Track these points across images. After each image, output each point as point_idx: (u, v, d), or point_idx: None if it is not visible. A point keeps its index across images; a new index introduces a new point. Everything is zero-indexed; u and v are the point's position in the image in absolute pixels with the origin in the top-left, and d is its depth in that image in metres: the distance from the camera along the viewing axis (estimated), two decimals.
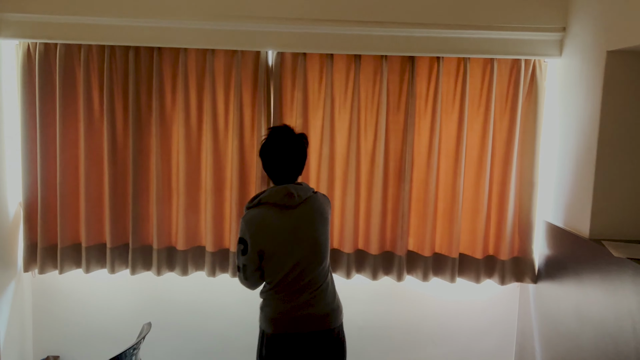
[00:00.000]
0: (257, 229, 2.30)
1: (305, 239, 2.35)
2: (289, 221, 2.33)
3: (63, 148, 3.03)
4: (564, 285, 2.84)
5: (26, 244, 3.11)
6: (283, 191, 2.33)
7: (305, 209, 2.37)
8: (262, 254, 2.32)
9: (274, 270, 2.34)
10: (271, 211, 2.32)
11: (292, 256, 2.33)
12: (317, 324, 2.39)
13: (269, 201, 2.33)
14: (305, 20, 2.95)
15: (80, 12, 2.91)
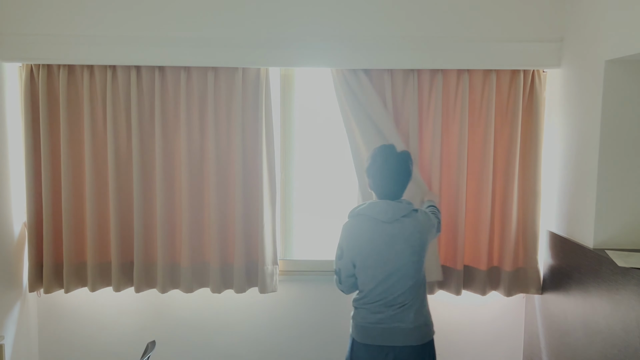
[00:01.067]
0: (352, 239, 2.47)
1: (397, 255, 2.44)
2: (382, 236, 2.43)
3: (67, 168, 3.06)
4: (570, 296, 2.82)
5: (31, 264, 3.12)
6: (382, 206, 2.45)
7: (400, 227, 2.44)
8: (354, 263, 2.48)
9: (365, 281, 2.48)
10: (368, 224, 2.45)
11: (383, 270, 2.44)
12: (403, 339, 2.46)
13: (367, 213, 2.46)
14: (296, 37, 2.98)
15: (81, 33, 2.95)
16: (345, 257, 2.49)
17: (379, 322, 2.47)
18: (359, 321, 2.52)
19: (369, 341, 2.48)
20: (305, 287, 3.35)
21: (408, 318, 2.45)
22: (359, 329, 2.52)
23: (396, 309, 2.45)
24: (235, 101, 3.05)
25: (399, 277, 2.44)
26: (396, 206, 2.45)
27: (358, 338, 2.51)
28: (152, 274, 3.19)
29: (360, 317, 2.51)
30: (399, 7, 2.97)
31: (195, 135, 3.10)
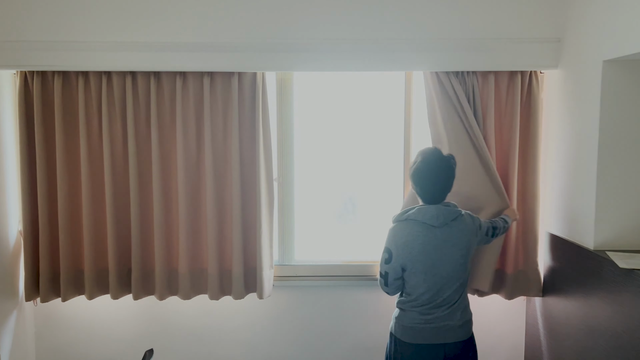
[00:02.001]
0: (403, 244, 2.48)
1: (447, 259, 2.49)
2: (433, 241, 2.47)
3: (63, 175, 3.03)
4: (571, 298, 2.80)
5: (27, 273, 3.09)
6: (432, 211, 2.47)
7: (449, 231, 2.49)
8: (404, 267, 2.50)
9: (414, 285, 2.51)
10: (417, 228, 2.48)
11: (433, 274, 2.48)
12: (453, 335, 2.56)
13: (417, 219, 2.47)
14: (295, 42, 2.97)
15: (76, 40, 2.93)
16: (394, 262, 2.50)
17: (429, 322, 2.53)
18: (407, 322, 2.55)
19: (420, 340, 2.53)
20: (305, 292, 3.33)
21: (456, 316, 2.56)
22: (407, 329, 2.55)
23: (445, 310, 2.54)
24: (232, 106, 3.03)
25: (448, 279, 2.51)
26: (446, 211, 2.49)
27: (406, 338, 2.55)
28: (150, 281, 3.16)
29: (408, 319, 2.55)
30: (394, 10, 2.96)
31: (191, 141, 3.08)
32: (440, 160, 2.49)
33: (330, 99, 3.28)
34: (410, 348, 2.54)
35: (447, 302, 2.54)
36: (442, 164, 2.49)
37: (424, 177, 2.48)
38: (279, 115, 3.27)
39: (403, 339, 2.56)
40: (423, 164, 2.48)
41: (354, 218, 3.81)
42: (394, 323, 2.62)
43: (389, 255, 2.51)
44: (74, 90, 3.04)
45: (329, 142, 3.39)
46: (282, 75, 3.24)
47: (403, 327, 2.57)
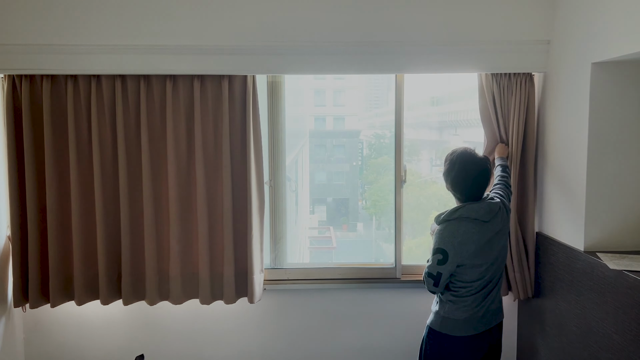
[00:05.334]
0: (460, 242, 2.47)
1: (496, 249, 2.55)
2: (485, 235, 2.51)
3: (52, 179, 3.00)
4: (562, 299, 2.81)
5: (16, 278, 3.06)
6: (485, 208, 2.51)
7: (496, 222, 2.55)
8: (461, 264, 2.49)
9: (470, 279, 2.52)
10: (471, 225, 2.48)
11: (487, 265, 2.52)
12: (496, 318, 2.64)
13: (470, 216, 2.49)
14: (289, 45, 2.96)
15: (64, 43, 2.91)
16: (450, 262, 2.48)
17: (479, 311, 2.56)
18: (460, 315, 2.55)
19: (471, 332, 2.55)
20: (296, 296, 3.31)
21: (497, 298, 2.65)
22: (459, 323, 2.55)
23: (492, 295, 2.61)
24: (222, 109, 3.02)
25: (496, 267, 2.59)
26: (491, 205, 2.54)
27: (458, 332, 2.55)
28: (140, 286, 3.14)
29: (461, 312, 2.55)
30: (385, 13, 2.96)
31: (182, 144, 3.06)
32: (478, 165, 2.53)
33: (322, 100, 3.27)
34: (462, 342, 2.56)
35: (494, 289, 2.61)
36: (480, 169, 2.53)
37: (463, 184, 2.53)
38: (270, 118, 3.26)
39: (454, 333, 2.55)
40: (462, 172, 2.52)
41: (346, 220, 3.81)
42: (440, 320, 2.59)
43: (444, 256, 2.48)
44: (62, 94, 3.02)
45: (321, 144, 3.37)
46: (273, 78, 3.23)
47: (455, 321, 2.55)
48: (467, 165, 2.52)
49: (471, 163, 2.53)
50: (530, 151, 3.05)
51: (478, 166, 2.53)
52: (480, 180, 2.53)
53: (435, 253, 2.51)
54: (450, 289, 2.57)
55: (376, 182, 4.69)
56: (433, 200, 4.39)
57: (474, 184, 2.53)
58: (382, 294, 3.32)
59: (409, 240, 4.10)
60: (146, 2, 2.93)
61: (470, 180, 2.52)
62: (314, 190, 4.42)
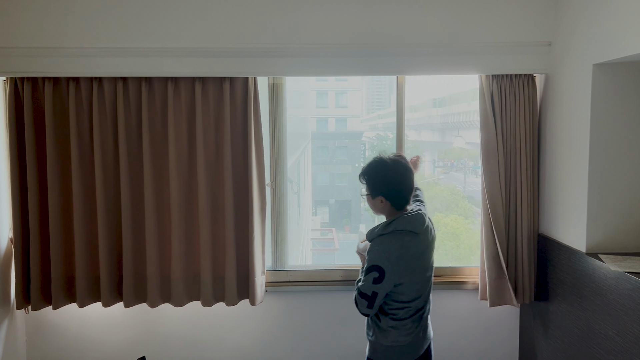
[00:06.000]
0: (397, 257, 2.28)
1: (429, 263, 2.43)
2: (419, 248, 2.36)
3: (54, 182, 3.01)
4: (564, 301, 2.80)
5: (18, 281, 3.07)
6: (418, 219, 2.36)
7: (427, 234, 2.41)
8: (398, 282, 2.30)
9: (405, 299, 2.35)
10: (407, 238, 2.32)
11: (420, 283, 2.38)
12: (429, 336, 2.53)
13: (406, 228, 2.32)
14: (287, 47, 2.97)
15: (66, 46, 2.92)
16: (387, 280, 2.27)
17: (419, 332, 2.43)
18: (403, 341, 2.39)
19: (415, 354, 2.42)
20: (298, 298, 3.31)
21: (428, 314, 2.51)
22: (404, 349, 2.39)
23: (426, 314, 2.49)
24: (224, 111, 3.02)
25: (430, 282, 2.46)
26: (422, 216, 2.40)
27: (404, 357, 2.40)
28: (142, 289, 3.14)
29: (404, 337, 2.39)
30: (387, 15, 2.97)
31: (183, 146, 3.06)
32: (410, 171, 2.40)
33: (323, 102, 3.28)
34: None
35: (427, 306, 2.48)
36: (411, 174, 2.40)
37: (400, 184, 2.36)
38: (271, 120, 3.26)
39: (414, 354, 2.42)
40: (397, 171, 2.36)
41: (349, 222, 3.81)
42: (383, 349, 2.40)
43: (380, 274, 2.26)
44: (64, 97, 3.02)
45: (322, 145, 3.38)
46: (274, 80, 3.24)
47: (400, 347, 2.39)
48: (403, 164, 2.40)
49: (404, 169, 2.38)
50: (532, 152, 3.04)
51: (410, 172, 2.40)
52: (411, 186, 2.39)
53: (369, 271, 2.28)
54: (388, 313, 2.37)
55: None
56: (435, 201, 4.39)
57: (407, 190, 2.37)
58: None
59: None
60: (147, 5, 2.94)
61: (404, 186, 2.36)
62: (316, 192, 4.41)
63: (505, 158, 3.05)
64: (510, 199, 3.06)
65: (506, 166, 3.05)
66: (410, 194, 2.39)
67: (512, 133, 3.02)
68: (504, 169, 3.04)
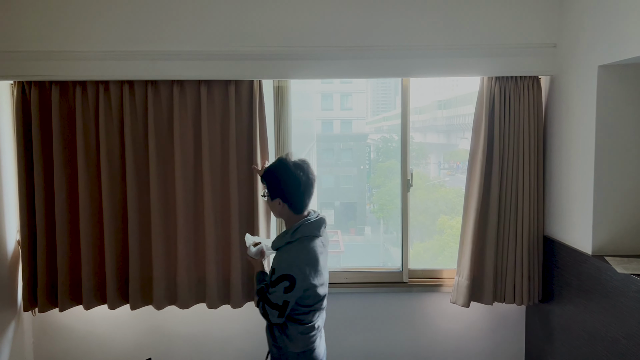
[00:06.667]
0: (306, 264, 2.27)
1: (326, 264, 2.45)
2: (322, 251, 2.37)
3: (60, 184, 3.03)
4: (570, 304, 2.79)
5: (25, 283, 3.09)
6: (319, 222, 2.37)
7: (325, 236, 2.45)
8: (307, 288, 2.28)
9: (311, 302, 2.35)
10: (312, 244, 2.31)
11: (325, 285, 2.40)
12: None
13: (311, 234, 2.32)
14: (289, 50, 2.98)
15: (73, 49, 2.95)
16: (298, 287, 2.24)
17: (322, 332, 2.49)
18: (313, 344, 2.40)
19: (324, 349, 2.50)
20: None
21: None
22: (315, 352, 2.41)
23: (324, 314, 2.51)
24: (230, 114, 3.03)
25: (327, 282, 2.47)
26: (321, 219, 2.40)
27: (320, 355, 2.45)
28: (148, 291, 3.15)
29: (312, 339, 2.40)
30: (391, 17, 2.97)
31: (189, 150, 3.08)
32: (312, 173, 2.38)
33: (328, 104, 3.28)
34: None
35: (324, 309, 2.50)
36: (313, 176, 2.38)
37: (305, 187, 2.33)
38: (276, 123, 3.27)
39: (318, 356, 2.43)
40: (300, 174, 2.33)
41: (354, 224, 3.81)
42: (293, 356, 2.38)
43: (291, 283, 2.22)
44: (71, 100, 3.05)
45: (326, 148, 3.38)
46: (279, 83, 3.25)
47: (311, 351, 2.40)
48: (306, 166, 2.36)
49: (305, 173, 2.34)
50: (537, 154, 3.03)
51: (312, 177, 2.37)
52: (311, 191, 2.37)
53: (280, 281, 2.23)
54: (296, 319, 2.35)
55: (384, 186, 4.68)
56: (441, 203, 4.38)
57: (307, 195, 2.35)
58: (389, 298, 3.31)
59: (417, 244, 4.09)
60: (153, 9, 2.96)
61: (304, 191, 2.34)
62: (321, 194, 4.41)
63: (504, 160, 3.05)
64: (510, 200, 3.05)
65: (503, 168, 3.04)
66: (309, 198, 2.38)
67: (516, 135, 3.02)
68: (500, 170, 3.04)
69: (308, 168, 2.37)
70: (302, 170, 2.35)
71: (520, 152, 3.02)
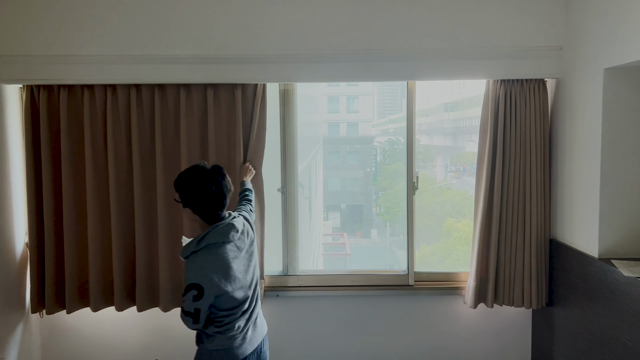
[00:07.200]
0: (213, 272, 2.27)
1: (251, 267, 2.47)
2: (237, 255, 2.37)
3: (68, 188, 3.06)
4: (576, 307, 2.78)
5: (33, 285, 3.11)
6: (230, 228, 2.35)
7: (243, 240, 2.43)
8: (219, 294, 2.30)
9: (229, 306, 2.37)
10: (220, 250, 2.31)
11: (245, 288, 2.41)
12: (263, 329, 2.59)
13: (218, 241, 2.31)
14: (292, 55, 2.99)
15: (81, 53, 2.97)
16: (207, 295, 2.26)
17: (248, 329, 2.47)
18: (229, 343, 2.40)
19: (251, 348, 2.47)
20: (308, 302, 3.32)
21: (259, 311, 2.58)
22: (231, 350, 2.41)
23: (256, 309, 2.53)
24: (236, 117, 3.04)
25: (255, 282, 2.50)
26: (235, 224, 2.38)
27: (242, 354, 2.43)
28: (154, 293, 3.17)
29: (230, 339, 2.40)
30: (397, 20, 2.98)
31: (195, 152, 3.09)
32: (215, 178, 2.34)
33: None
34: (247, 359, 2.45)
35: (256, 301, 2.53)
36: (216, 182, 2.33)
37: (206, 202, 2.31)
38: (282, 125, 3.28)
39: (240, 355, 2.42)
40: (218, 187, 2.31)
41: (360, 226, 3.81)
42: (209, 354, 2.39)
43: (199, 291, 2.25)
44: (79, 104, 3.07)
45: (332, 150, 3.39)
46: (285, 86, 3.26)
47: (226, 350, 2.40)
48: (215, 174, 2.35)
49: (212, 182, 2.32)
50: (543, 157, 3.02)
51: (226, 185, 2.37)
52: (221, 200, 2.34)
53: (188, 290, 2.26)
54: (214, 320, 2.38)
55: (390, 189, 4.69)
56: (447, 206, 4.38)
57: (215, 204, 2.32)
58: (395, 301, 3.31)
59: (424, 246, 4.09)
60: (160, 13, 2.98)
61: (210, 201, 2.31)
62: (327, 197, 4.43)
63: (510, 163, 3.04)
64: (517, 203, 3.05)
65: (510, 171, 3.04)
66: (222, 209, 2.36)
67: (522, 137, 3.01)
68: (507, 174, 3.04)
69: (222, 179, 2.35)
70: (214, 182, 2.32)
71: (527, 155, 3.02)
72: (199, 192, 2.29)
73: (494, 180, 3.05)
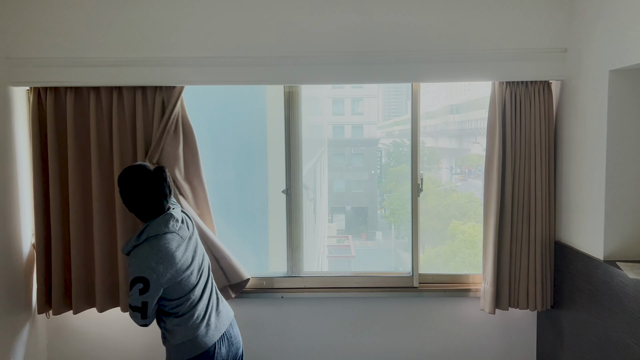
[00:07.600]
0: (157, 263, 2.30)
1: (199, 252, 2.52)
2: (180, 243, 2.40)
3: (75, 189, 3.07)
4: (581, 310, 2.77)
5: (40, 285, 3.13)
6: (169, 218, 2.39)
7: (185, 228, 2.47)
8: (167, 285, 2.33)
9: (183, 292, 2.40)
10: (160, 242, 2.34)
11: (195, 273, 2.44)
12: (229, 314, 2.67)
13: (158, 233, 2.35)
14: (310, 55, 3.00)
15: (87, 56, 2.99)
16: (153, 287, 2.29)
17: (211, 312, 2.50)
18: (193, 333, 2.42)
19: (217, 334, 2.49)
20: (313, 304, 3.33)
21: (218, 293, 2.63)
22: (197, 339, 2.43)
23: (214, 292, 2.58)
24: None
25: (204, 264, 2.55)
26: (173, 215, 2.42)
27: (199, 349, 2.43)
28: None
29: (194, 329, 2.43)
30: (401, 22, 2.98)
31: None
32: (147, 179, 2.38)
33: None
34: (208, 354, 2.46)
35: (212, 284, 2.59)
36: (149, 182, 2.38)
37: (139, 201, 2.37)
38: (286, 127, 3.29)
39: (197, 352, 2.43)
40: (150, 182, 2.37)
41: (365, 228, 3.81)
42: (175, 350, 2.43)
43: (145, 284, 2.28)
44: (85, 106, 3.09)
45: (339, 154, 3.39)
46: (290, 88, 3.27)
47: (192, 341, 2.42)
48: (158, 174, 2.40)
49: (148, 181, 2.37)
50: (548, 160, 3.02)
51: (165, 185, 2.41)
52: (158, 200, 2.38)
53: (134, 284, 2.29)
54: (170, 312, 2.41)
55: (395, 191, 4.69)
56: (452, 208, 4.38)
57: (156, 205, 2.39)
58: (399, 303, 3.31)
59: (429, 249, 4.08)
60: (165, 16, 3.00)
61: (154, 202, 2.37)
62: (332, 199, 4.43)
63: (516, 165, 3.04)
64: (523, 205, 3.04)
65: (516, 173, 3.03)
66: (158, 207, 2.39)
67: (527, 140, 3.01)
68: (512, 176, 3.03)
69: (159, 178, 2.39)
70: (148, 183, 2.37)
71: (532, 157, 3.02)
72: (136, 193, 2.35)
73: (504, 182, 3.05)
